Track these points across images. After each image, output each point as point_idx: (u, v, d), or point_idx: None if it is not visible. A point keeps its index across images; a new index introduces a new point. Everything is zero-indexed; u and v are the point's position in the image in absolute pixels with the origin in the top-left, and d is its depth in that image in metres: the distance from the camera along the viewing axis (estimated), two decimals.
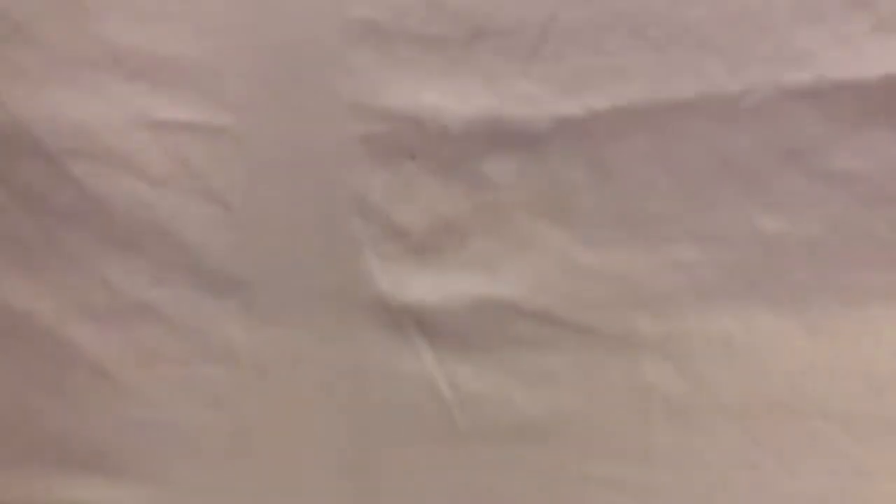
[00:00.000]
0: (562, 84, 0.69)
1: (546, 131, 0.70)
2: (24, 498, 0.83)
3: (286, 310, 0.77)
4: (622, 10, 0.67)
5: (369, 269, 0.74)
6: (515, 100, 0.70)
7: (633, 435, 0.72)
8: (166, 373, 0.79)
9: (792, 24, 0.64)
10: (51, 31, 0.74)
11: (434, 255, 0.74)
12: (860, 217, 0.66)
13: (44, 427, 0.82)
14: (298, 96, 0.74)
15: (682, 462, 0.71)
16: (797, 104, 0.65)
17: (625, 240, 0.70)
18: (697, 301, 0.69)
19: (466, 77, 0.70)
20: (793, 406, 0.68)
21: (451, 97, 0.71)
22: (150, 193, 0.76)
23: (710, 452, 0.70)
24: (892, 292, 0.66)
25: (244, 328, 0.77)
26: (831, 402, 0.68)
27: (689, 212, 0.69)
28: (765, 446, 0.69)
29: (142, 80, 0.75)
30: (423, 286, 0.74)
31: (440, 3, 0.70)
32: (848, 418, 0.68)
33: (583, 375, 0.72)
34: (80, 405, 0.81)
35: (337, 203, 0.74)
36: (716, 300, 0.69)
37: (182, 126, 0.75)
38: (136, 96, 0.75)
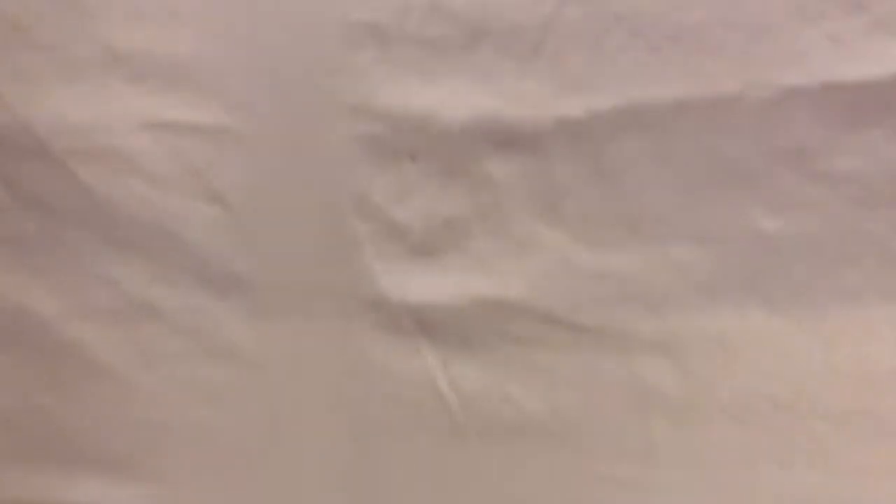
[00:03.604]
0: (562, 84, 0.69)
1: (546, 131, 0.70)
2: (24, 497, 0.83)
3: (287, 309, 0.77)
4: (622, 11, 0.67)
5: (369, 269, 0.75)
6: (515, 100, 0.70)
7: (631, 433, 0.72)
8: (168, 371, 0.79)
9: (791, 25, 0.64)
10: (52, 33, 0.75)
11: (434, 255, 0.74)
12: (859, 217, 0.66)
13: (45, 426, 0.82)
14: (299, 97, 0.74)
15: (680, 460, 0.71)
16: (796, 104, 0.65)
17: (624, 240, 0.70)
18: (696, 301, 0.69)
19: (466, 77, 0.71)
20: (791, 405, 0.68)
21: (451, 97, 0.71)
22: (152, 193, 0.77)
23: (709, 451, 0.70)
24: (891, 292, 0.66)
25: (245, 327, 0.78)
26: (830, 401, 0.68)
27: (688, 212, 0.69)
28: (763, 445, 0.69)
29: (143, 81, 0.75)
30: (423, 286, 0.74)
31: (440, 5, 0.70)
32: (846, 418, 0.68)
33: (582, 374, 0.72)
34: (81, 404, 0.81)
35: (337, 203, 0.74)
36: (715, 300, 0.69)
37: (183, 127, 0.75)
38: (138, 97, 0.75)
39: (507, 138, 0.71)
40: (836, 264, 0.66)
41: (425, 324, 0.75)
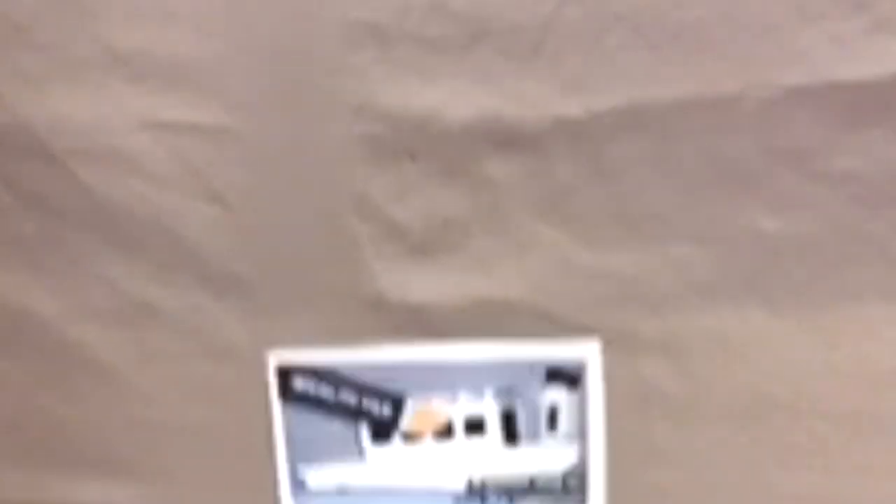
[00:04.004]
0: (562, 84, 0.69)
1: (546, 131, 0.70)
2: (24, 498, 0.83)
3: (286, 309, 0.77)
4: (622, 10, 0.67)
5: (369, 269, 0.75)
6: (515, 100, 0.70)
7: (631, 433, 0.72)
8: (167, 371, 0.80)
9: (791, 25, 0.64)
10: (52, 34, 0.75)
11: (434, 255, 0.74)
12: (859, 217, 0.66)
13: (46, 425, 0.82)
14: (299, 97, 0.74)
15: (681, 459, 0.71)
16: (796, 104, 0.65)
17: (624, 240, 0.70)
18: (696, 300, 0.69)
19: (467, 77, 0.71)
20: (791, 405, 0.69)
21: (451, 97, 0.71)
22: (152, 193, 0.77)
23: (709, 450, 0.71)
24: (890, 292, 0.66)
25: (245, 327, 0.78)
26: (830, 401, 0.68)
27: (688, 212, 0.69)
28: (763, 445, 0.70)
29: (143, 81, 0.75)
30: (422, 285, 0.74)
31: (441, 5, 0.70)
32: (846, 417, 0.68)
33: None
34: (81, 404, 0.81)
35: (337, 203, 0.74)
36: (715, 300, 0.69)
37: (183, 127, 0.75)
38: (138, 97, 0.75)
39: (507, 138, 0.71)
40: (836, 264, 0.66)
41: (425, 323, 0.75)
